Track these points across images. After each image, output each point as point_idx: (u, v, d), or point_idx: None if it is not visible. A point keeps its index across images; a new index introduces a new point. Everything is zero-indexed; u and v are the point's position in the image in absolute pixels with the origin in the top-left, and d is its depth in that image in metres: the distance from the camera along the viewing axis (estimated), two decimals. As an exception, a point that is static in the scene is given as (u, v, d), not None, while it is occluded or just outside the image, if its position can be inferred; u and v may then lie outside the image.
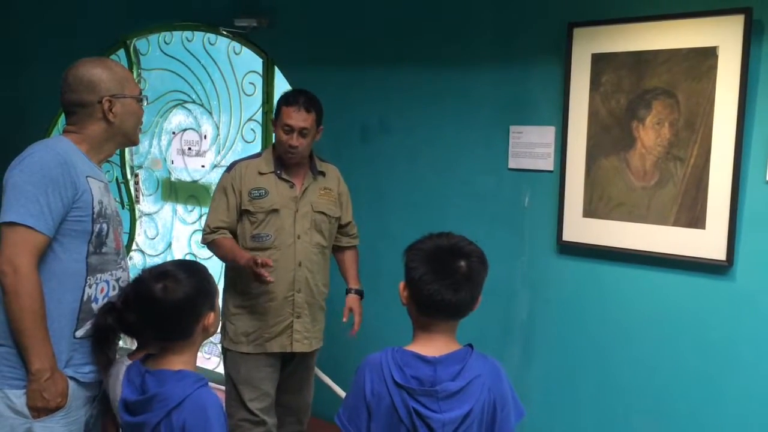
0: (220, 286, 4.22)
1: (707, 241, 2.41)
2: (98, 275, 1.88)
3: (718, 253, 2.39)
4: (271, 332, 2.59)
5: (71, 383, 1.82)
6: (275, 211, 2.57)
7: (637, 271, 2.58)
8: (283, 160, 2.61)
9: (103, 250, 1.89)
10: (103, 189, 1.94)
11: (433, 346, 1.51)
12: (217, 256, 2.66)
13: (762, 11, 2.27)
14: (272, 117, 2.68)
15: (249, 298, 2.60)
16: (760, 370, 2.35)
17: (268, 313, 2.58)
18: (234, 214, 2.60)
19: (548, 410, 2.81)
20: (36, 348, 1.73)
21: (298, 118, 2.53)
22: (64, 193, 1.78)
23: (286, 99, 2.59)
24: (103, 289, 1.89)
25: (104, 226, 1.89)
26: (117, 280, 1.93)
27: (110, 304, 1.82)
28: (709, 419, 2.46)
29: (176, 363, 1.59)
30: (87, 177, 1.86)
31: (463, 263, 1.51)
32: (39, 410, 1.76)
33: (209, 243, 2.64)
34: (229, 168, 2.67)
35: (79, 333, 1.84)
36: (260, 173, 2.61)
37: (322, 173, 2.69)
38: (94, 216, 1.85)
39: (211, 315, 1.64)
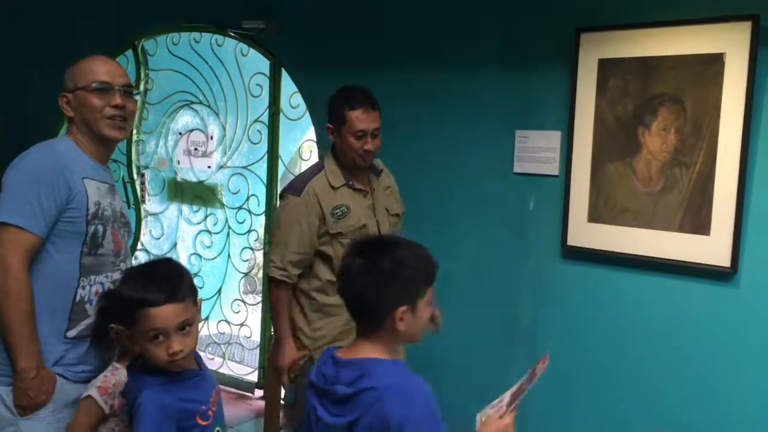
0: (216, 288, 4.18)
1: (712, 248, 2.41)
2: (92, 277, 1.87)
3: (723, 259, 2.38)
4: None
5: (62, 382, 1.82)
6: (363, 227, 2.36)
7: (642, 277, 2.58)
8: (356, 167, 2.39)
9: (99, 251, 1.88)
10: (105, 191, 1.93)
11: (353, 350, 1.47)
12: (270, 299, 2.43)
13: (769, 18, 2.27)
14: (328, 125, 2.43)
15: (343, 324, 2.33)
16: (764, 377, 2.34)
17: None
18: (311, 247, 2.33)
19: (551, 414, 2.81)
20: (23, 347, 1.73)
21: (369, 119, 2.33)
22: (57, 194, 1.79)
23: (348, 103, 2.34)
24: (97, 291, 1.88)
25: (99, 228, 1.87)
26: (113, 282, 1.90)
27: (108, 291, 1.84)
28: (713, 425, 2.45)
29: None
30: (84, 179, 1.86)
31: (371, 260, 1.43)
32: (24, 408, 1.77)
33: (274, 282, 2.36)
34: (296, 190, 2.36)
35: (71, 333, 1.84)
36: (333, 188, 2.35)
37: (381, 170, 2.52)
38: (89, 218, 1.84)
39: None
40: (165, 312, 1.56)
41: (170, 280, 1.61)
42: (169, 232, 4.38)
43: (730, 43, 2.33)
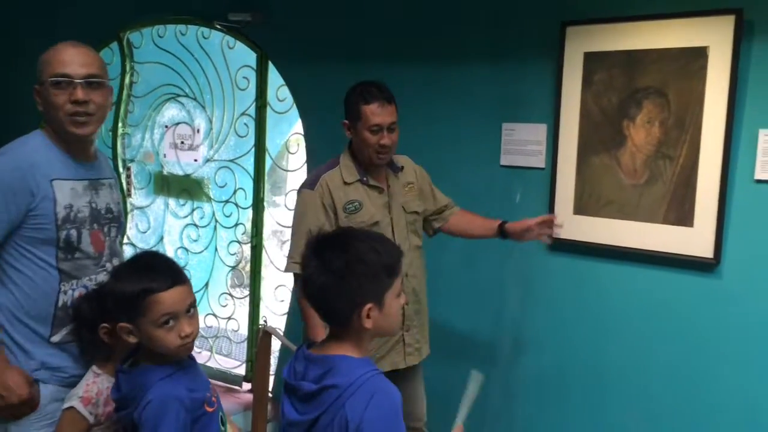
0: (203, 282, 4.17)
1: (695, 239, 2.44)
2: (73, 281, 1.82)
3: (706, 251, 2.42)
4: (381, 351, 2.35)
5: (47, 386, 1.79)
6: (376, 223, 2.32)
7: (627, 268, 2.61)
8: (373, 163, 2.35)
9: (77, 255, 1.82)
10: (83, 189, 1.84)
11: (325, 347, 1.43)
12: (299, 296, 2.32)
13: (752, 12, 2.30)
14: (344, 121, 2.38)
15: None
16: (745, 366, 2.38)
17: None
18: None
19: (538, 404, 2.84)
20: None
21: (385, 113, 2.28)
22: (15, 200, 1.72)
23: (363, 97, 2.30)
24: (80, 295, 1.83)
25: (73, 232, 1.80)
26: (98, 285, 1.85)
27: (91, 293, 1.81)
28: (695, 414, 2.49)
29: None
30: (53, 180, 1.77)
31: (325, 259, 1.37)
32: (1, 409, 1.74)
33: (297, 278, 2.35)
34: (310, 184, 2.36)
35: (55, 338, 1.81)
36: (346, 183, 2.34)
37: (401, 168, 2.47)
38: (59, 223, 1.77)
39: None
40: (174, 295, 1.57)
41: (168, 265, 1.62)
42: (155, 225, 4.35)
43: (714, 37, 2.36)
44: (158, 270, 1.59)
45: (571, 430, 2.77)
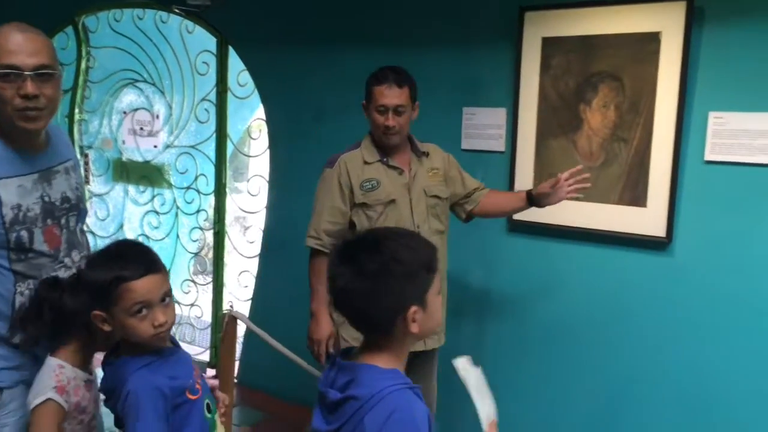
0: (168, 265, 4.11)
1: (648, 219, 2.52)
2: (29, 281, 1.74)
3: (659, 230, 2.50)
4: None
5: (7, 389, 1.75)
6: (392, 201, 2.38)
7: (584, 248, 2.69)
8: (384, 144, 2.42)
9: (30, 255, 1.73)
10: (32, 184, 1.74)
11: (359, 354, 1.32)
12: (310, 270, 2.45)
13: (702, -2, 2.37)
14: (363, 102, 2.46)
15: None
16: (696, 338, 2.48)
17: None
18: (342, 216, 2.40)
19: (499, 380, 2.90)
20: None
21: (391, 95, 2.36)
22: None
23: (375, 78, 2.40)
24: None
25: (24, 233, 1.71)
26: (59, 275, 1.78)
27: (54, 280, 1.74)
28: (648, 386, 2.59)
29: None
30: None
31: (358, 265, 1.25)
32: None
33: (311, 252, 2.44)
34: (330, 163, 2.46)
35: (16, 339, 1.75)
36: (366, 163, 2.41)
37: (426, 153, 2.51)
38: (7, 225, 1.68)
39: None
40: (147, 283, 1.54)
41: (143, 253, 1.60)
42: (114, 213, 4.30)
43: (666, 22, 2.43)
44: (131, 258, 1.57)
45: (524, 400, 2.85)
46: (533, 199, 2.43)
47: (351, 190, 2.39)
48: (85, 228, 2.03)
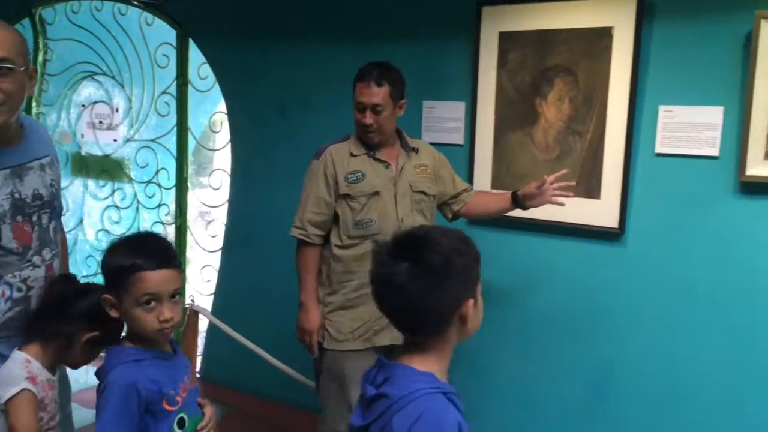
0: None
1: (602, 211, 2.58)
2: None
3: (612, 221, 2.56)
4: (379, 324, 2.37)
5: None
6: (376, 193, 2.38)
7: (540, 239, 2.74)
8: (365, 141, 2.42)
9: None
10: (2, 180, 1.71)
11: (399, 354, 1.30)
12: (296, 261, 2.47)
13: (653, -6, 2.43)
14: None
15: (350, 291, 2.40)
16: (648, 323, 2.55)
17: (373, 303, 2.34)
18: (327, 206, 2.40)
19: (462, 372, 2.94)
20: None
21: (369, 93, 2.35)
22: None
23: (359, 73, 2.40)
24: (4, 293, 1.73)
25: None
26: (24, 281, 1.76)
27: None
28: (601, 372, 2.65)
29: None
30: None
31: (418, 260, 1.22)
32: None
33: (297, 243, 2.45)
34: (317, 154, 2.46)
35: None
36: (352, 155, 2.41)
37: (415, 150, 2.50)
38: None
39: None
40: (160, 276, 1.55)
41: (162, 247, 1.62)
42: (74, 208, 4.23)
43: (618, 18, 2.48)
44: (150, 249, 1.58)
45: (482, 390, 2.89)
46: (518, 201, 2.44)
47: (336, 181, 2.40)
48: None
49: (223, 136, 3.82)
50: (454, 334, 1.28)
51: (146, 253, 1.56)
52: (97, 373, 1.61)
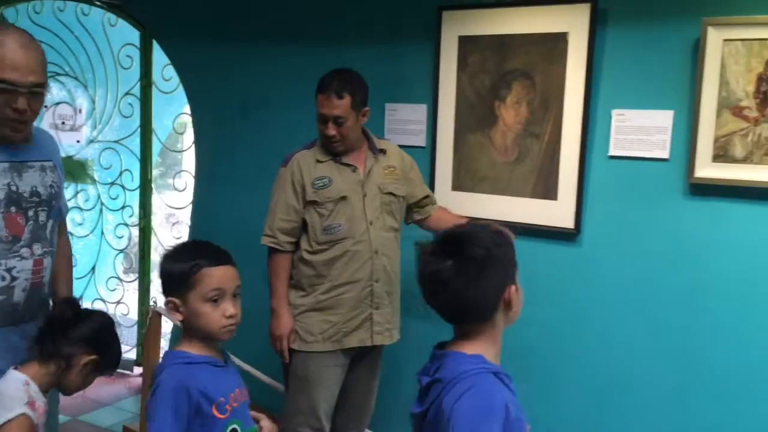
0: (90, 266, 4.04)
1: (559, 211, 2.64)
2: None
3: (568, 221, 2.62)
4: (348, 326, 2.41)
5: None
6: (343, 198, 2.38)
7: (499, 240, 2.78)
8: (329, 150, 2.42)
9: None
10: (2, 172, 1.78)
11: (451, 343, 1.39)
12: (268, 268, 2.47)
13: (606, 1, 2.49)
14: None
15: (320, 294, 2.42)
16: (602, 322, 2.61)
17: (343, 306, 2.40)
18: (296, 214, 2.40)
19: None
20: None
21: (330, 106, 2.34)
22: None
23: (319, 84, 2.39)
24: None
25: None
26: (9, 270, 1.79)
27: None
28: (559, 372, 2.71)
29: None
30: None
31: (461, 255, 1.31)
32: None
33: (268, 251, 2.45)
34: (285, 162, 2.46)
35: None
36: (318, 161, 2.42)
37: (383, 151, 2.51)
38: None
39: None
40: (224, 272, 1.60)
41: (218, 248, 1.66)
42: (37, 210, 4.18)
43: (573, 24, 2.54)
44: (209, 249, 1.64)
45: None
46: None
47: (303, 188, 2.40)
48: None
49: (189, 138, 3.82)
50: (501, 319, 1.37)
51: (207, 253, 1.62)
52: (154, 374, 1.62)
